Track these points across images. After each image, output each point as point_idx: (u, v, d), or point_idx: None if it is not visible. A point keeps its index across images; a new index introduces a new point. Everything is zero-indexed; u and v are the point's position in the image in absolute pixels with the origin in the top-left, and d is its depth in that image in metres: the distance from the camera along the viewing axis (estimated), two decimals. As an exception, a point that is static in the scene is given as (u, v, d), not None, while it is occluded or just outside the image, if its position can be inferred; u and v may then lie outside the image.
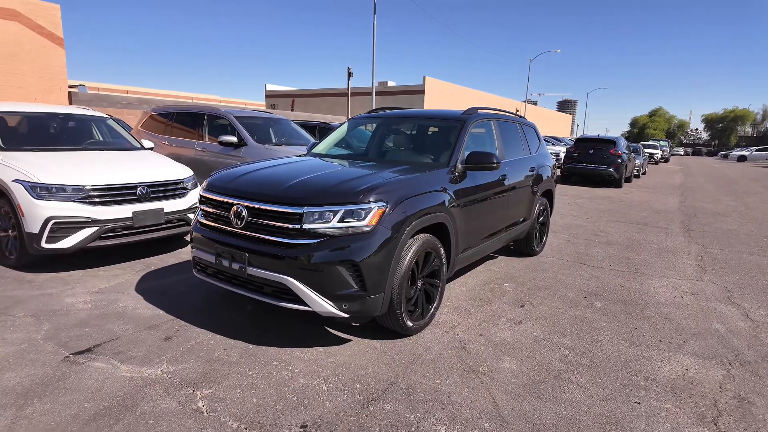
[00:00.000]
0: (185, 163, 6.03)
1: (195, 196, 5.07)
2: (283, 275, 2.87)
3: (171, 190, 4.90)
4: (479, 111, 4.50)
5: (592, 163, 14.85)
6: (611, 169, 14.44)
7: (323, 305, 2.85)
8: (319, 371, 2.79)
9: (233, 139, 6.65)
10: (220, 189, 3.34)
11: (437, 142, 4.46)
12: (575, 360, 3.06)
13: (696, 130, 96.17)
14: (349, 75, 23.14)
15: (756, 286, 4.77)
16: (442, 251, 3.48)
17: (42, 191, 4.15)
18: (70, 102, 12.58)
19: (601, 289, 4.54)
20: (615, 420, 2.42)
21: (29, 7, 11.94)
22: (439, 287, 3.53)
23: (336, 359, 2.95)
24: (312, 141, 6.72)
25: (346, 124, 5.16)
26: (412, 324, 3.23)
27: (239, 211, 3.10)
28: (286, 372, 2.77)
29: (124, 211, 4.43)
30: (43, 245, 4.14)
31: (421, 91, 32.91)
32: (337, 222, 2.88)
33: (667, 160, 35.97)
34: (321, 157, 4.40)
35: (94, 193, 4.31)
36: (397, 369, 2.85)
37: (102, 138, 5.83)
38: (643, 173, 20.49)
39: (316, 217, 2.88)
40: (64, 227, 4.16)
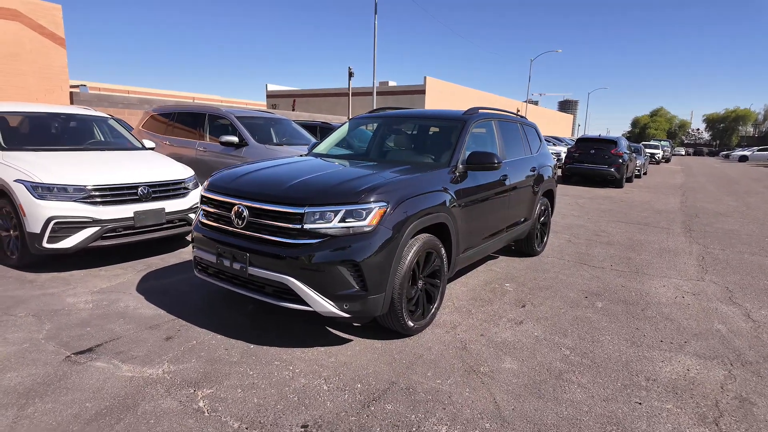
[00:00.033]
0: (186, 163, 6.04)
1: (196, 196, 5.08)
2: (284, 275, 2.87)
3: (172, 190, 4.91)
4: (480, 111, 4.50)
5: (593, 163, 14.84)
6: (612, 169, 14.43)
7: (324, 305, 2.86)
8: (320, 371, 2.79)
9: (234, 139, 6.66)
10: (222, 189, 3.35)
11: (438, 142, 4.46)
12: (576, 360, 3.06)
13: (697, 130, 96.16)
14: (350, 75, 23.16)
15: (757, 287, 4.77)
16: (443, 251, 3.48)
17: (43, 191, 4.16)
18: (72, 102, 12.60)
19: (602, 289, 4.53)
20: (616, 420, 2.42)
21: (30, 7, 11.96)
22: (440, 287, 3.53)
23: (337, 359, 2.95)
24: (313, 141, 6.73)
25: (347, 124, 5.16)
26: (413, 324, 3.23)
27: (240, 211, 3.10)
28: (287, 372, 2.77)
29: (126, 211, 4.44)
30: (45, 245, 4.15)
31: (422, 91, 32.92)
32: (338, 222, 2.88)
33: (668, 160, 35.94)
34: (322, 157, 4.40)
35: (96, 193, 4.32)
36: (398, 369, 2.85)
37: (103, 138, 5.84)
38: (645, 173, 20.47)
39: (317, 217, 2.88)
40: (65, 227, 4.17)
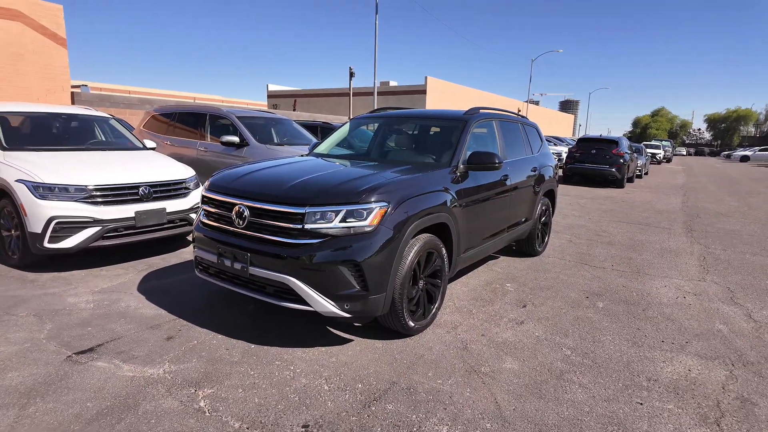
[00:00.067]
0: (187, 163, 6.04)
1: (197, 196, 5.08)
2: (285, 275, 2.87)
3: (173, 190, 4.91)
4: (481, 111, 4.50)
5: (594, 163, 14.83)
6: (613, 169, 14.42)
7: (325, 305, 2.86)
8: (320, 371, 2.79)
9: (235, 139, 6.66)
10: (223, 189, 3.35)
11: (439, 142, 4.45)
12: (577, 360, 3.06)
13: (698, 130, 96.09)
14: (351, 75, 23.16)
15: (759, 287, 4.76)
16: (444, 251, 3.47)
17: (45, 191, 4.17)
18: (73, 102, 12.62)
19: (603, 289, 4.53)
20: (617, 421, 2.42)
21: (32, 8, 11.98)
22: (441, 287, 3.53)
23: (338, 359, 2.95)
24: (314, 141, 6.74)
25: (348, 124, 5.16)
26: (413, 324, 3.23)
27: (241, 211, 3.11)
28: (288, 372, 2.77)
29: (127, 211, 4.44)
30: (46, 245, 4.15)
31: (423, 91, 32.90)
32: (339, 222, 2.88)
33: (669, 160, 35.89)
34: (323, 157, 4.40)
35: (97, 193, 4.32)
36: (398, 369, 2.85)
37: (104, 138, 5.84)
38: (646, 173, 20.44)
39: (318, 217, 2.88)
40: (66, 227, 4.17)
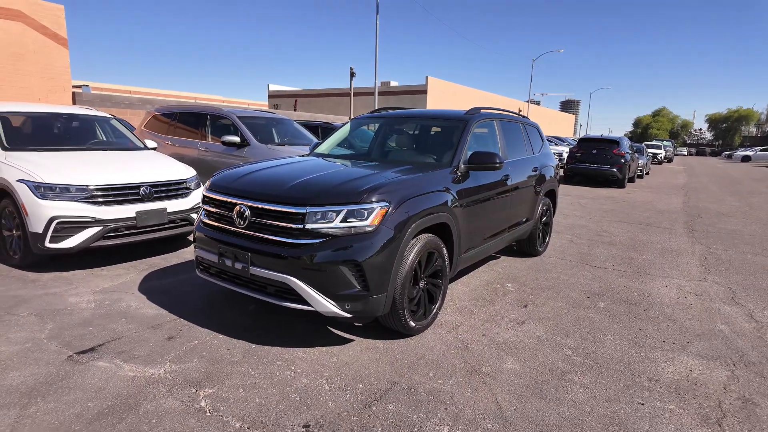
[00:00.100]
0: (188, 163, 6.04)
1: (198, 196, 5.08)
2: (286, 275, 2.87)
3: (174, 190, 4.91)
4: (482, 111, 4.49)
5: (595, 163, 14.81)
6: (614, 169, 14.41)
7: (326, 305, 2.85)
8: (321, 371, 2.79)
9: (236, 139, 6.66)
10: (223, 189, 3.35)
11: (440, 142, 4.45)
12: (578, 360, 3.05)
13: (700, 130, 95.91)
14: (352, 75, 23.16)
15: (760, 287, 4.75)
16: (445, 251, 3.47)
17: (46, 191, 4.17)
18: (74, 102, 12.63)
19: (604, 289, 4.52)
20: (618, 421, 2.41)
21: (33, 8, 12.00)
22: (442, 287, 3.53)
23: (338, 359, 2.95)
24: (314, 141, 6.74)
25: (349, 124, 5.16)
26: (414, 324, 3.22)
27: (242, 211, 3.11)
28: (289, 372, 2.77)
29: (128, 210, 4.44)
30: (47, 245, 4.16)
31: (424, 91, 32.89)
32: (340, 222, 2.88)
33: (670, 160, 35.83)
34: (323, 157, 4.40)
35: (98, 193, 4.33)
36: (399, 369, 2.85)
37: (105, 138, 5.85)
38: (647, 173, 20.42)
39: (318, 217, 2.88)
40: (67, 227, 4.17)
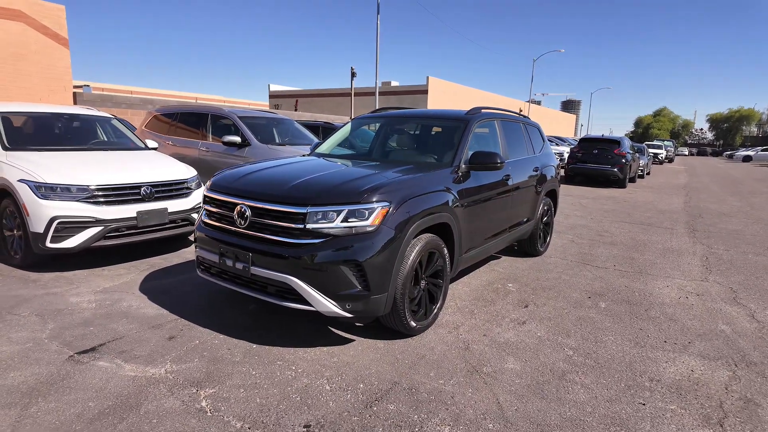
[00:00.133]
0: (189, 163, 6.04)
1: (199, 195, 5.08)
2: (287, 275, 2.87)
3: (175, 190, 4.92)
4: (483, 111, 4.49)
5: (596, 163, 14.80)
6: (615, 169, 14.39)
7: (327, 305, 2.85)
8: (322, 371, 2.79)
9: (237, 139, 6.67)
10: (224, 189, 3.35)
11: (441, 142, 4.45)
12: (579, 361, 3.05)
13: (701, 130, 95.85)
14: (353, 75, 23.17)
15: (762, 287, 4.74)
16: (446, 251, 3.47)
17: (47, 191, 4.17)
18: (75, 102, 12.63)
19: (605, 289, 4.52)
20: (620, 421, 2.41)
21: (34, 8, 12.00)
22: (443, 287, 3.52)
23: (339, 359, 2.94)
24: (315, 141, 6.74)
25: (350, 124, 5.16)
26: (415, 324, 3.22)
27: (243, 211, 3.10)
28: (290, 372, 2.77)
29: (128, 210, 4.45)
30: (48, 245, 4.16)
31: (425, 91, 32.89)
32: (341, 222, 2.88)
33: (671, 160, 35.78)
34: (324, 157, 4.40)
35: (99, 193, 4.33)
36: (400, 369, 2.85)
37: (106, 138, 5.85)
38: (648, 173, 20.39)
39: (319, 217, 2.88)
40: (68, 227, 4.18)
